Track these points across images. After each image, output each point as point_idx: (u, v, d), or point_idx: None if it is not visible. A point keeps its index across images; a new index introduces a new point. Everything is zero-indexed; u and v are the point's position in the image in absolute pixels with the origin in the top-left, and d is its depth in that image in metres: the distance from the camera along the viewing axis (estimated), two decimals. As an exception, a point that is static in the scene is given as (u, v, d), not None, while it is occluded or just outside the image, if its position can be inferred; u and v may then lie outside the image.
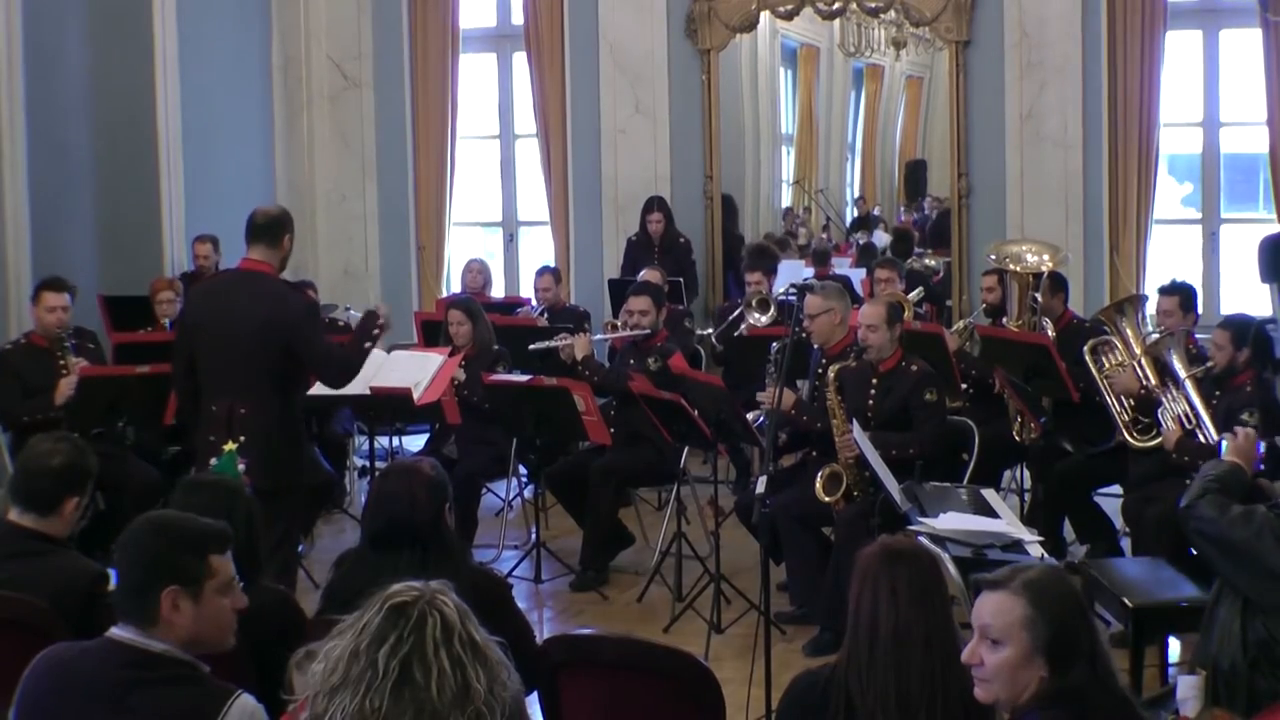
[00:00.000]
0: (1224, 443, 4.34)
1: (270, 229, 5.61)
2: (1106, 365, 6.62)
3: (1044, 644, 2.76)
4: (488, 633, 2.66)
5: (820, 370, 6.63)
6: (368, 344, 5.76)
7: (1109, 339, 6.68)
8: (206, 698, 2.83)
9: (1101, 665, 2.78)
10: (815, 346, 6.83)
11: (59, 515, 4.02)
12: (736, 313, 8.77)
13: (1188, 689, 3.79)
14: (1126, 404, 6.50)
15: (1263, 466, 4.48)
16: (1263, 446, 4.42)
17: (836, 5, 10.33)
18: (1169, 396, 6.18)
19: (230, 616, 3.02)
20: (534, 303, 9.33)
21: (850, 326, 6.71)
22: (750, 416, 6.58)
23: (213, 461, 4.96)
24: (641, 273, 8.99)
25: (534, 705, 3.62)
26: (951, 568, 4.58)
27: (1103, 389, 6.57)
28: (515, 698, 2.67)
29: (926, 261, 10.45)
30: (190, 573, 2.90)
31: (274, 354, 5.48)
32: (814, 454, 6.66)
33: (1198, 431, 6.02)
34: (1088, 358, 6.66)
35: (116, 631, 2.93)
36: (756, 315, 8.53)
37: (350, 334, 6.08)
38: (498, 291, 10.60)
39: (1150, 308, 7.31)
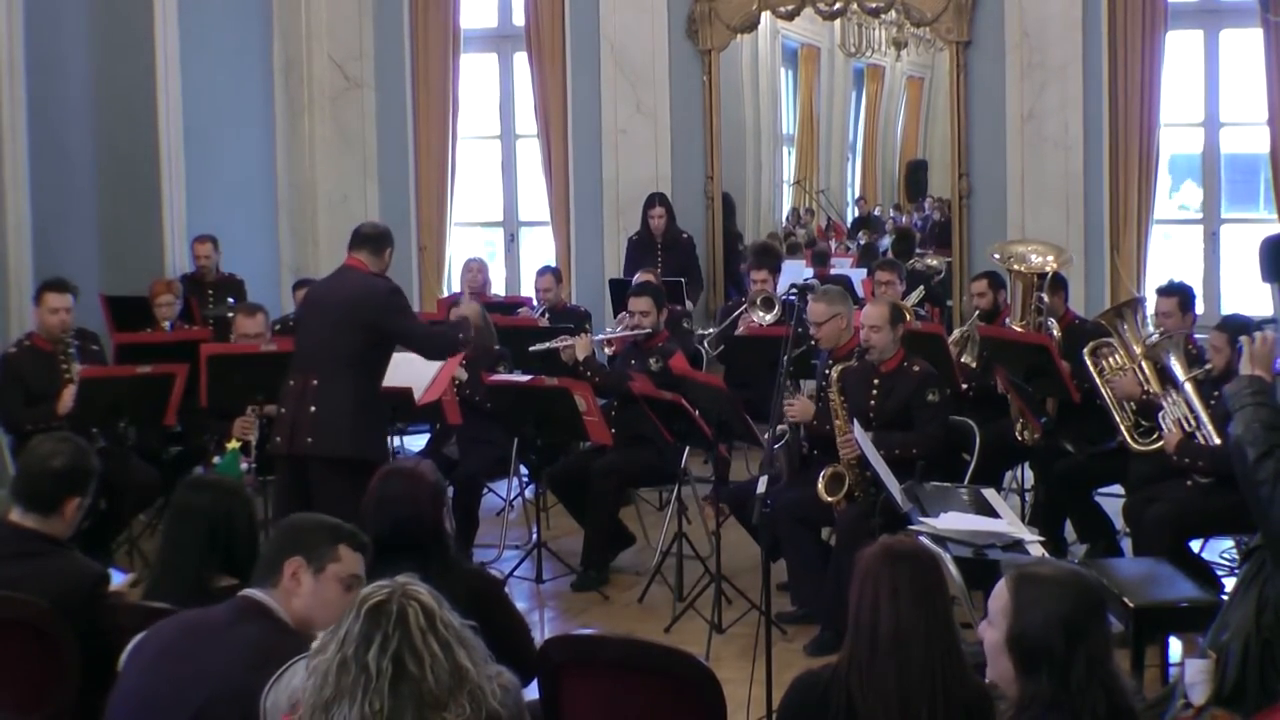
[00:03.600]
0: (1242, 347, 4.18)
1: (376, 239, 6.24)
2: (1106, 369, 6.61)
3: (1011, 639, 2.83)
4: (484, 631, 2.67)
5: (826, 371, 6.62)
6: (461, 335, 6.53)
7: (1109, 341, 6.67)
8: (286, 647, 3.00)
9: (1078, 681, 2.76)
10: (824, 350, 6.83)
11: (60, 516, 4.01)
12: (738, 312, 8.77)
13: (1196, 673, 3.75)
14: (1128, 408, 6.49)
15: None
16: None
17: (837, 5, 10.34)
18: (1169, 399, 6.17)
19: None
20: (535, 303, 9.33)
21: (856, 328, 6.70)
22: (779, 430, 6.51)
23: (216, 460, 4.99)
24: (637, 275, 8.98)
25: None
26: (952, 568, 4.57)
27: (1103, 393, 6.57)
28: (515, 695, 2.68)
29: (929, 262, 10.44)
30: (316, 550, 3.17)
31: (354, 332, 5.93)
32: (815, 453, 6.65)
33: (1198, 434, 6.02)
34: (1087, 361, 6.65)
35: (248, 590, 3.20)
36: (761, 314, 8.55)
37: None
38: (498, 291, 10.60)
39: (1149, 309, 7.31)
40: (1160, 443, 6.22)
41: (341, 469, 5.72)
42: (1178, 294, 6.80)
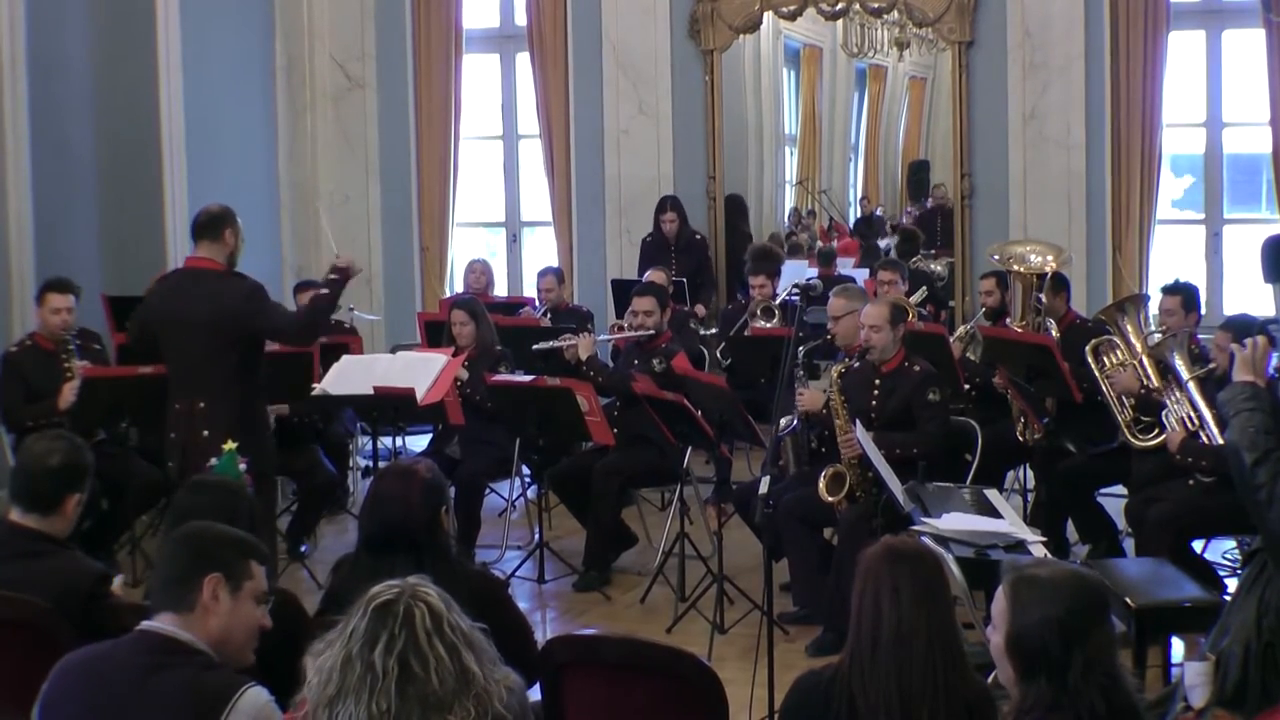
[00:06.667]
0: (1235, 355, 4.17)
1: (210, 225, 5.89)
2: (1108, 364, 6.62)
3: (1009, 641, 2.83)
4: (487, 632, 2.67)
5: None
6: (328, 291, 6.02)
7: (1111, 338, 6.68)
8: (221, 684, 2.88)
9: (1075, 683, 2.76)
10: (838, 348, 6.83)
11: (60, 514, 4.01)
12: (740, 322, 8.80)
13: (1195, 675, 3.75)
14: (1127, 403, 6.50)
15: (1276, 375, 4.34)
16: (1275, 357, 4.29)
17: (839, 6, 10.34)
18: (1172, 398, 6.17)
19: (257, 627, 3.07)
20: (537, 303, 9.34)
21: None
22: (783, 422, 6.53)
23: (213, 461, 4.96)
24: (647, 273, 9.01)
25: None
26: (954, 568, 4.57)
27: (1104, 388, 6.57)
28: (519, 696, 2.67)
29: (933, 265, 10.44)
30: (233, 567, 3.02)
31: (226, 346, 5.71)
32: (822, 450, 6.64)
33: (1201, 433, 6.02)
34: (1090, 357, 6.66)
35: (147, 624, 3.01)
36: (762, 324, 8.59)
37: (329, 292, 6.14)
38: (501, 292, 10.60)
39: (1153, 307, 7.31)
40: (1159, 439, 6.22)
41: None
42: (1181, 293, 6.80)
